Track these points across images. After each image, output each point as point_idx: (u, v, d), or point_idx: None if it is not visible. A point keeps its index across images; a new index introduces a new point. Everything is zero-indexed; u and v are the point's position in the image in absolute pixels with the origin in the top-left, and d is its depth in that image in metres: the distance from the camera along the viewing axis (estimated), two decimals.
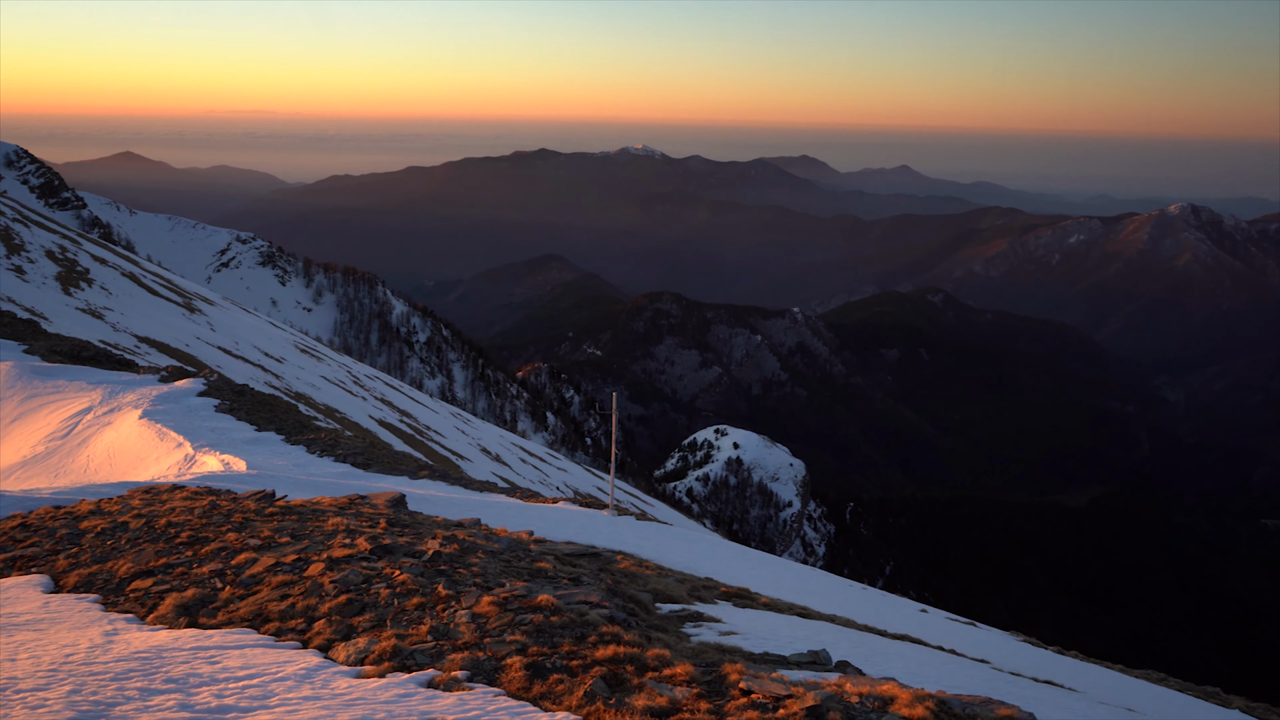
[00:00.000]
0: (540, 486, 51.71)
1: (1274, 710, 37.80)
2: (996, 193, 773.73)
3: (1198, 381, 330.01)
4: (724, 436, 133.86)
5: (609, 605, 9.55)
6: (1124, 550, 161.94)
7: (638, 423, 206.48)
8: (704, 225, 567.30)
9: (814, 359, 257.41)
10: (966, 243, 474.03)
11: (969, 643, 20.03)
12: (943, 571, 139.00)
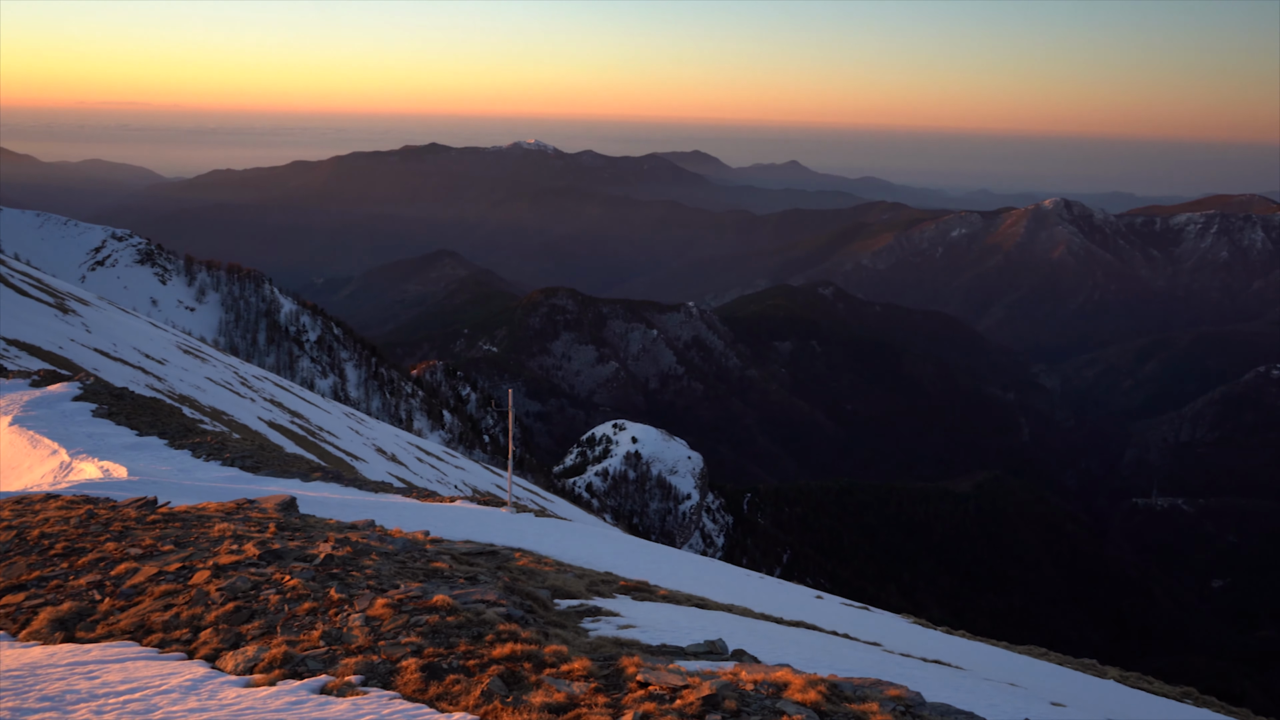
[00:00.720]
0: (438, 486, 51.06)
1: (1145, 679, 39.75)
2: (883, 188, 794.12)
3: (1072, 368, 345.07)
4: (622, 431, 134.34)
5: (506, 603, 9.50)
6: (1007, 532, 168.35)
7: (536, 419, 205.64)
8: (598, 220, 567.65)
9: (710, 352, 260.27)
10: (855, 237, 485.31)
11: (862, 626, 20.56)
12: (837, 558, 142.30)
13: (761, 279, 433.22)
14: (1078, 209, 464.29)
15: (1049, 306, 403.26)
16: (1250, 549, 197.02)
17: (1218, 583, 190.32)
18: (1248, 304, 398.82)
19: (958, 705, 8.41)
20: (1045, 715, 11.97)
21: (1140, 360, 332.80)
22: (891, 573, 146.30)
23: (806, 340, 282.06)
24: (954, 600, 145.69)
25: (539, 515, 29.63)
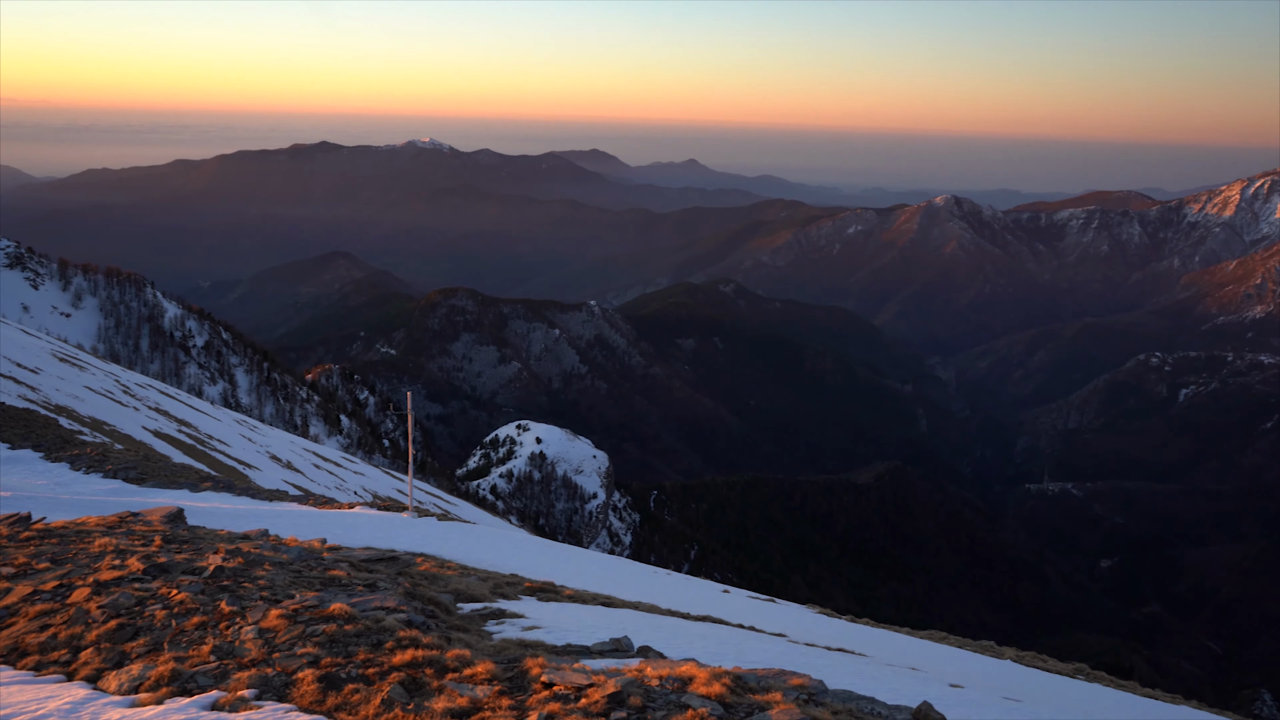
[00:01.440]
0: (336, 492, 49.94)
1: (1040, 657, 41.18)
2: (780, 186, 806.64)
3: (966, 360, 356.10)
4: (526, 432, 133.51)
5: (407, 609, 9.29)
6: (907, 520, 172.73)
7: (437, 422, 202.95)
8: (496, 220, 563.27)
9: (613, 351, 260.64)
10: (754, 234, 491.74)
11: (768, 618, 20.79)
12: (744, 551, 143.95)
13: (663, 277, 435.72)
14: (967, 206, 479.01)
15: (943, 300, 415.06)
16: (1136, 529, 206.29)
17: (1106, 562, 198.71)
18: (1127, 295, 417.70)
19: (859, 691, 8.54)
20: (943, 696, 12.25)
21: (1029, 351, 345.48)
22: (797, 564, 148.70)
23: (709, 337, 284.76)
24: (858, 589, 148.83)
25: (442, 519, 29.22)
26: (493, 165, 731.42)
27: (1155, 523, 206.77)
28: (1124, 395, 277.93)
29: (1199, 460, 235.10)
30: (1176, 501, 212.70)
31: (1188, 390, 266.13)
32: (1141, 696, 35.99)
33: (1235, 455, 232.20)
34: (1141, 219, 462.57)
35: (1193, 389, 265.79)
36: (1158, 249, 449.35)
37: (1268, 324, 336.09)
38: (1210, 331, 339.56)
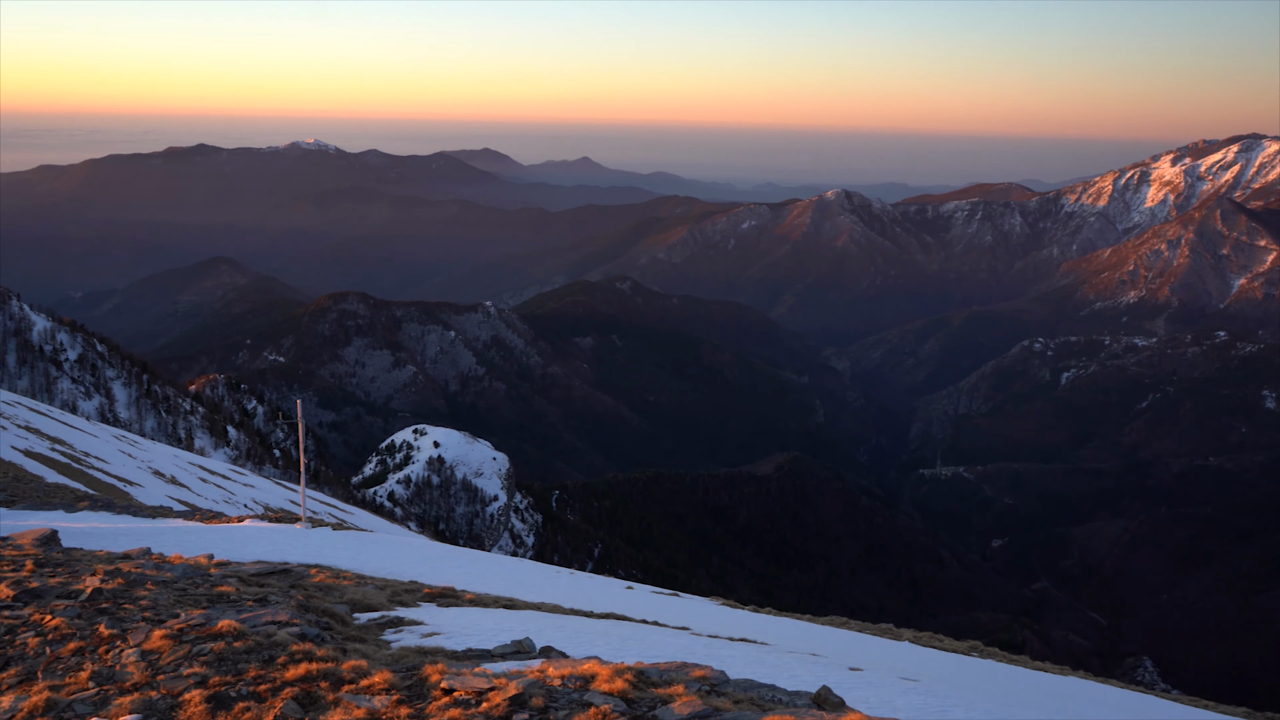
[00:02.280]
0: (225, 506, 48.38)
1: (936, 637, 42.33)
2: (674, 182, 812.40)
3: (860, 350, 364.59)
4: (423, 436, 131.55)
5: (300, 622, 9.03)
6: (807, 510, 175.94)
7: (330, 429, 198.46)
8: (386, 221, 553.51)
9: (510, 351, 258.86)
10: (649, 231, 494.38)
11: (672, 613, 20.90)
12: (648, 547, 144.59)
13: (559, 275, 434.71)
14: (858, 199, 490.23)
15: (836, 292, 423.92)
16: (1024, 509, 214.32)
17: (997, 542, 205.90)
18: (1011, 283, 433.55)
19: (761, 679, 8.63)
20: (843, 680, 12.49)
21: (920, 340, 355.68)
22: (701, 558, 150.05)
23: (607, 335, 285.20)
24: (761, 579, 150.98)
25: (337, 529, 28.55)
26: (381, 166, 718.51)
27: (1042, 502, 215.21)
28: (1010, 380, 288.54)
29: (1081, 440, 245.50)
30: (1061, 481, 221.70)
31: (1069, 374, 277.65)
32: (1032, 670, 37.36)
33: (1114, 434, 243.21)
34: (1022, 210, 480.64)
35: (1073, 372, 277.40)
36: (1038, 238, 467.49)
37: (1140, 308, 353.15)
38: (1088, 316, 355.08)
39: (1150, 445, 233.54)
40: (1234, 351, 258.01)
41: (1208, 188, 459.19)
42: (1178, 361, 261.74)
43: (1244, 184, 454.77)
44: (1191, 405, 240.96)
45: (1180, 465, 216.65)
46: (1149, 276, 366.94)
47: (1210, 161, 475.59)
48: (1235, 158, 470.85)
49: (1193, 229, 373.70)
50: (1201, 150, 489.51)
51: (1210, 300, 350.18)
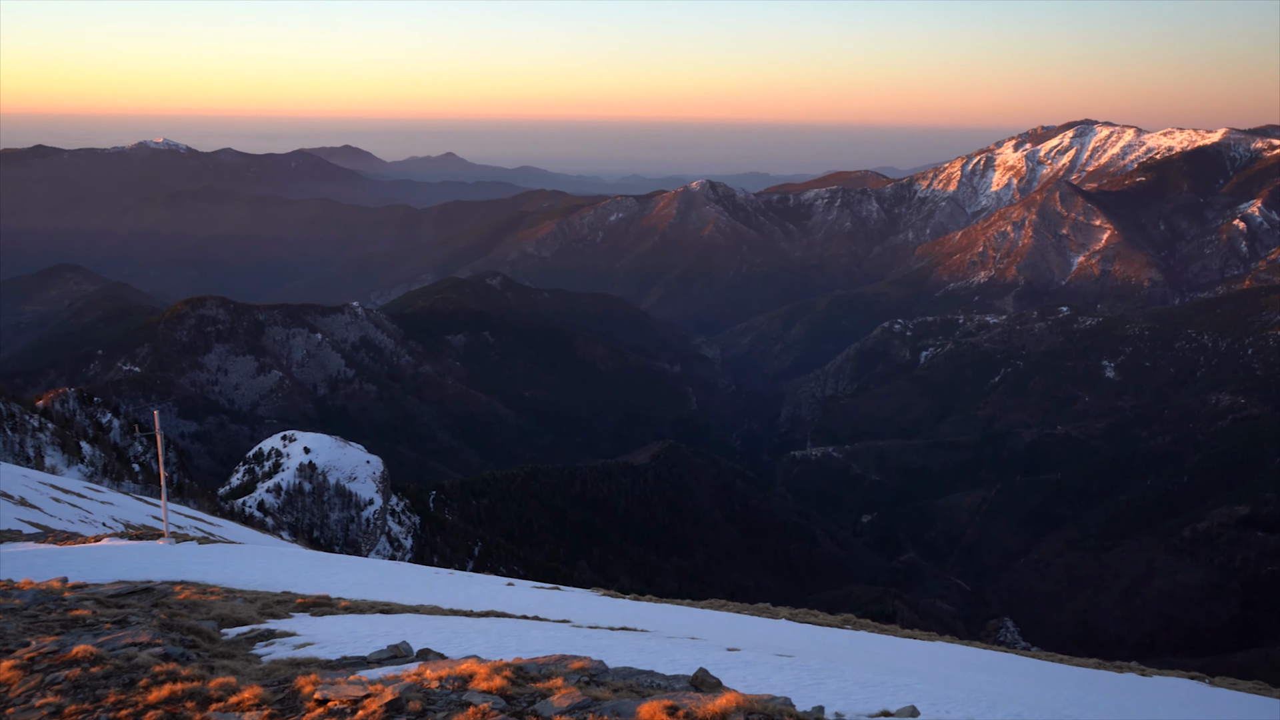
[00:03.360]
0: (82, 526, 45.97)
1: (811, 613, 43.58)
2: (541, 177, 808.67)
3: (729, 338, 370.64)
4: (293, 443, 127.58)
5: (163, 642, 8.70)
6: (684, 497, 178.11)
7: (194, 440, 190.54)
8: (245, 222, 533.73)
9: (380, 352, 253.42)
10: (518, 226, 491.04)
11: (552, 607, 20.93)
12: (529, 543, 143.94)
13: (427, 273, 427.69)
14: (722, 189, 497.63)
15: (704, 282, 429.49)
16: (891, 484, 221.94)
17: (867, 517, 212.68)
18: (870, 267, 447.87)
19: (640, 666, 8.76)
20: (720, 660, 12.78)
21: (787, 325, 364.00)
22: (582, 550, 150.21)
23: (479, 332, 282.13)
24: (643, 568, 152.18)
25: (203, 543, 27.55)
26: (237, 165, 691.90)
27: (907, 477, 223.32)
28: (873, 361, 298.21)
29: (941, 416, 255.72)
30: (924, 455, 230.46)
31: (927, 352, 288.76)
32: (902, 637, 38.86)
33: (971, 408, 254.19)
34: (878, 196, 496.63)
35: (931, 351, 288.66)
36: (894, 223, 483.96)
37: (990, 287, 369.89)
38: (943, 297, 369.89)
39: (1004, 417, 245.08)
40: (1076, 325, 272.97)
41: (1047, 171, 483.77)
42: (1025, 337, 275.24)
43: (1079, 167, 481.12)
44: (1039, 378, 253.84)
45: (1031, 435, 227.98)
46: (997, 257, 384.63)
47: (1048, 146, 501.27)
48: (1071, 142, 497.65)
49: (1035, 211, 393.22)
50: (1040, 136, 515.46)
51: (1053, 278, 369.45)
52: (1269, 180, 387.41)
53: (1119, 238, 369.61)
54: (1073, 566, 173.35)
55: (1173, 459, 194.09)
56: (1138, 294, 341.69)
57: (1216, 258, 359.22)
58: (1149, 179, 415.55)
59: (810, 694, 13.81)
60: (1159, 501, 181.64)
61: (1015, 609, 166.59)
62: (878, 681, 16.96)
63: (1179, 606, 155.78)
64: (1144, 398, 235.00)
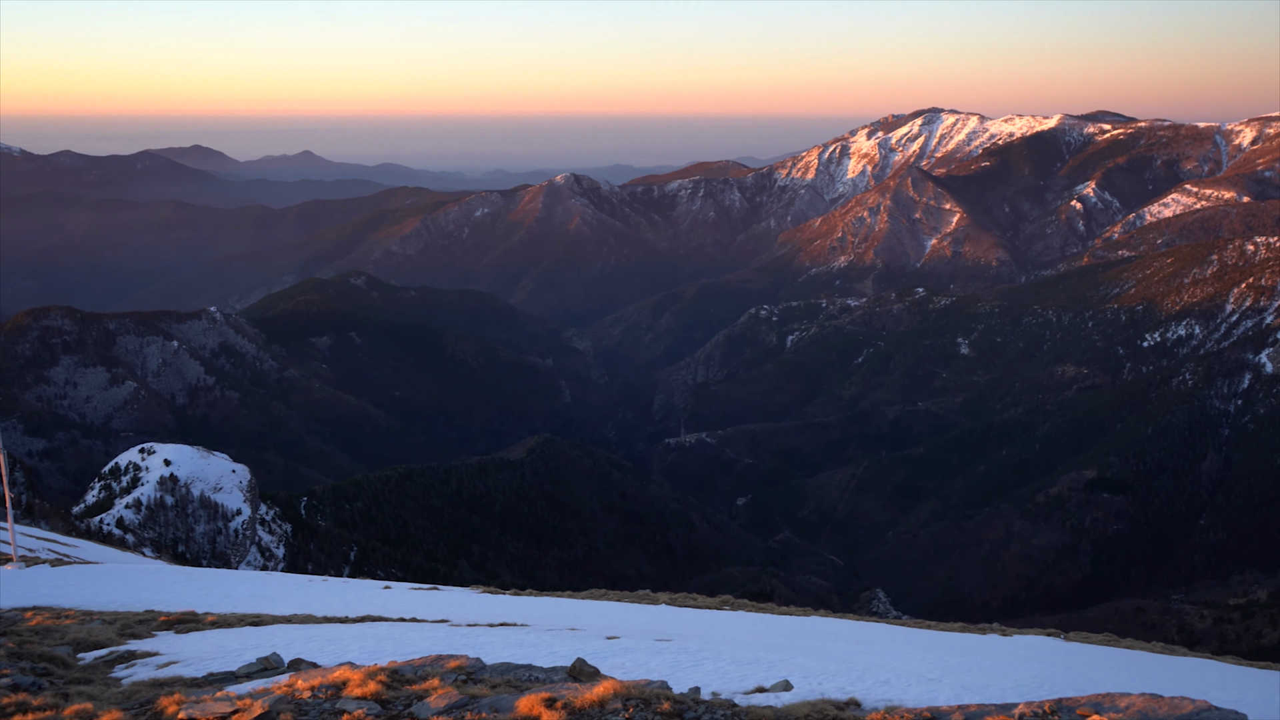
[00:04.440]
0: None
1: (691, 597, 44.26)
2: (402, 173, 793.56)
3: (600, 329, 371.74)
4: (151, 456, 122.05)
5: (11, 672, 8.29)
6: (562, 489, 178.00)
7: (43, 458, 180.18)
8: (89, 228, 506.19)
9: (241, 358, 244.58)
10: (380, 224, 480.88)
11: (431, 607, 20.72)
12: (406, 544, 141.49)
13: (288, 275, 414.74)
14: (586, 182, 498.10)
15: (573, 275, 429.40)
16: (763, 466, 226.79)
17: (742, 500, 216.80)
18: (735, 255, 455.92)
19: (518, 661, 8.81)
20: (599, 649, 12.92)
21: (656, 315, 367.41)
22: (462, 548, 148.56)
23: (345, 333, 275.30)
24: (523, 562, 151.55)
25: (56, 565, 26.21)
26: (78, 168, 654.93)
27: (779, 458, 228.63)
28: (741, 347, 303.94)
29: (808, 397, 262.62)
30: (794, 436, 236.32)
31: (793, 336, 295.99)
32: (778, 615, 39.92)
33: (837, 389, 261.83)
34: (740, 186, 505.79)
35: (797, 335, 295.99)
36: (756, 212, 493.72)
37: (850, 271, 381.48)
38: (806, 282, 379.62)
39: (868, 396, 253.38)
40: (931, 306, 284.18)
41: (899, 158, 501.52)
42: (885, 318, 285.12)
43: (929, 153, 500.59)
44: (900, 357, 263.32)
45: (894, 412, 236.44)
46: (855, 242, 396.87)
47: (899, 134, 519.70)
48: (920, 130, 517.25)
49: (889, 196, 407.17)
50: (891, 124, 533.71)
51: (909, 260, 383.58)
52: (1101, 163, 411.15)
53: (968, 220, 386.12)
54: (937, 536, 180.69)
55: (1025, 429, 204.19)
56: (987, 273, 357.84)
57: (1057, 237, 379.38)
58: (993, 164, 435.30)
59: (688, 676, 14.11)
60: (1014, 470, 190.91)
61: (886, 580, 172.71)
62: (754, 659, 17.43)
63: (1036, 568, 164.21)
64: (996, 372, 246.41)
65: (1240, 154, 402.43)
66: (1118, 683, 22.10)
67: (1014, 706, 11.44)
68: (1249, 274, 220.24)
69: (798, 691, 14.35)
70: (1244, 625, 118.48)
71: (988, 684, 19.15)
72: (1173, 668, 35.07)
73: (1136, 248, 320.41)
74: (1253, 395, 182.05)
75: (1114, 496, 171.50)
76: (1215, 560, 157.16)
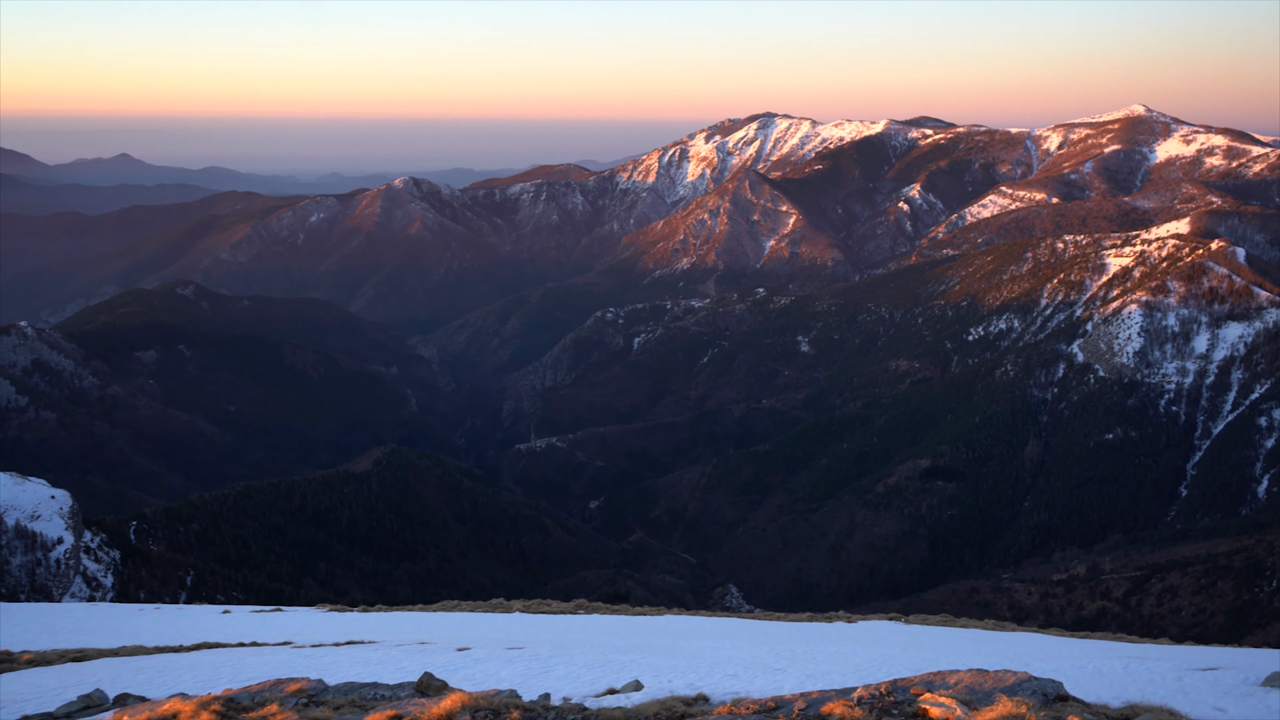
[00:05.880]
0: None
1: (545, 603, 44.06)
2: (231, 177, 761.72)
3: (445, 336, 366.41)
4: None
5: None
6: (411, 500, 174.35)
7: None
8: None
9: (58, 376, 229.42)
10: (209, 230, 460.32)
11: (273, 629, 19.97)
12: (248, 566, 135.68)
13: (108, 286, 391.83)
14: (426, 186, 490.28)
15: (415, 280, 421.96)
16: (614, 469, 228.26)
17: (594, 503, 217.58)
18: (579, 259, 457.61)
19: (364, 679, 8.60)
20: (449, 662, 12.75)
21: (502, 320, 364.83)
22: (307, 566, 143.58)
23: (173, 346, 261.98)
24: (373, 577, 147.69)
25: None
26: None
27: (629, 460, 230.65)
28: (589, 350, 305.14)
29: (656, 398, 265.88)
30: (644, 438, 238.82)
31: (640, 338, 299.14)
32: (633, 615, 40.30)
33: (684, 389, 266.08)
34: (582, 189, 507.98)
35: (643, 337, 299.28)
36: (599, 215, 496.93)
37: (693, 273, 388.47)
38: (650, 285, 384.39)
39: (714, 395, 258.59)
40: (772, 305, 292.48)
41: (736, 161, 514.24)
42: (728, 318, 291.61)
43: (765, 157, 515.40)
44: (744, 356, 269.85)
45: (740, 410, 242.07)
46: (698, 244, 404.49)
47: (736, 138, 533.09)
48: (756, 134, 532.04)
49: (728, 199, 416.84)
50: (728, 128, 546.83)
51: (749, 261, 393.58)
52: (925, 166, 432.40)
53: (804, 222, 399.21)
54: (785, 529, 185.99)
55: (864, 422, 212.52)
56: (823, 273, 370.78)
57: (887, 237, 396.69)
58: (825, 167, 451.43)
59: (539, 682, 14.10)
60: (855, 462, 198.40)
61: (737, 575, 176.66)
62: (606, 661, 17.57)
63: (879, 555, 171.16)
64: (835, 368, 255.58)
65: (1049, 158, 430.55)
66: (951, 661, 23.26)
67: (853, 690, 11.93)
68: (1060, 270, 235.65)
69: (648, 690, 14.55)
70: (1066, 599, 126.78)
71: (830, 670, 19.86)
72: (1002, 642, 37.23)
73: (959, 247, 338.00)
74: (1067, 383, 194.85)
75: (947, 484, 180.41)
76: (1039, 539, 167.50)
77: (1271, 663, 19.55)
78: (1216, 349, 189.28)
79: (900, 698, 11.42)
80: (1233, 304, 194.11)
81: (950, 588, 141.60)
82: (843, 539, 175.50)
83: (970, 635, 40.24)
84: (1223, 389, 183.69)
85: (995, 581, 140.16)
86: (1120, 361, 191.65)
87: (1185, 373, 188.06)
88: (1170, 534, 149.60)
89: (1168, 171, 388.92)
